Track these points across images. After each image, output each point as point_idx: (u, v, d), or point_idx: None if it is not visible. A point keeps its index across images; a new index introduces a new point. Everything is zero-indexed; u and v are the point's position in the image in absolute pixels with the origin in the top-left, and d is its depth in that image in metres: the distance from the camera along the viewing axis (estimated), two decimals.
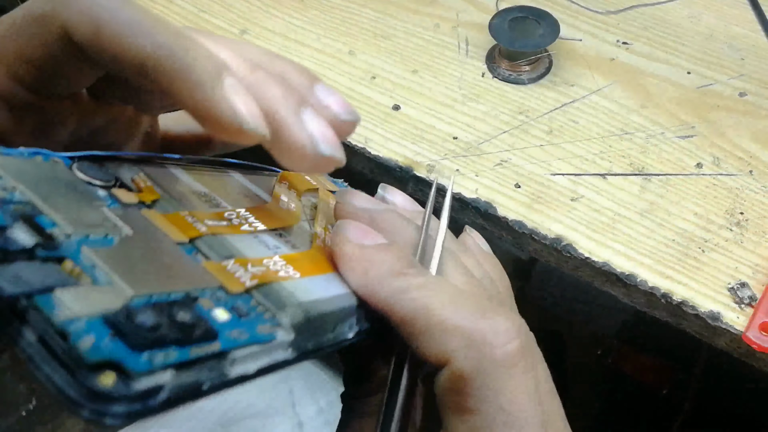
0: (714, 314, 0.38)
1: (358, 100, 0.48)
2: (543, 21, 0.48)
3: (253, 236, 0.24)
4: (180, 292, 0.18)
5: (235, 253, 0.22)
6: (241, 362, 0.18)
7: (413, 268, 0.23)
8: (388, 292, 0.22)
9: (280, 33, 0.53)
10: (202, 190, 0.25)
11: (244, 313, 0.19)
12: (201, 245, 0.21)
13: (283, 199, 0.28)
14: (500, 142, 0.46)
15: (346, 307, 0.23)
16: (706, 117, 0.46)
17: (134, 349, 0.15)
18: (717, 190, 0.43)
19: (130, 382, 0.15)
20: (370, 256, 0.23)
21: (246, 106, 0.22)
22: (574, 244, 0.41)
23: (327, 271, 0.24)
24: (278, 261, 0.23)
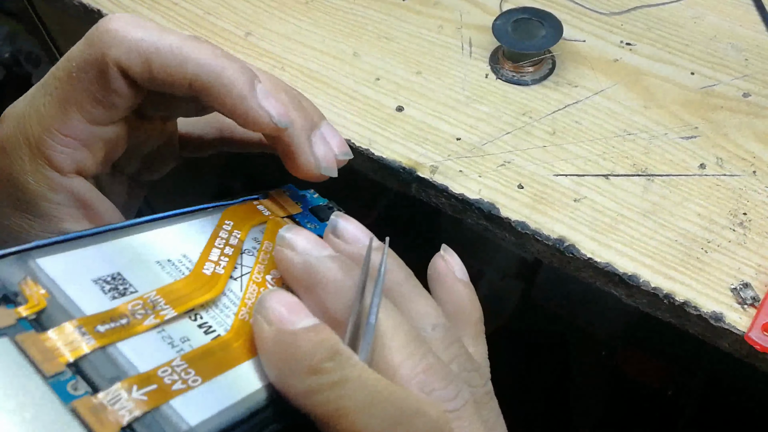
0: (717, 315, 0.38)
1: (362, 102, 0.48)
2: (546, 22, 0.48)
3: (157, 332, 0.22)
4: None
5: (123, 372, 0.20)
6: None
7: (332, 361, 0.20)
8: (300, 391, 0.20)
9: (285, 35, 0.53)
10: (109, 273, 0.23)
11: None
12: (85, 367, 0.20)
13: (210, 260, 0.26)
14: (503, 143, 0.46)
15: (258, 409, 0.21)
16: (709, 118, 0.46)
17: None
18: (720, 190, 0.43)
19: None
20: (286, 347, 0.21)
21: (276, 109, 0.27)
22: (577, 245, 0.41)
23: (242, 360, 0.22)
24: (178, 366, 0.21)
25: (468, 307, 0.27)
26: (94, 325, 0.20)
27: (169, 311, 0.22)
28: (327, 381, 0.20)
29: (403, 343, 0.22)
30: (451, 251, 0.30)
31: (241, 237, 0.28)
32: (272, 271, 0.27)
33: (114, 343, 0.20)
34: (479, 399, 0.24)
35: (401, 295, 0.25)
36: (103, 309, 0.21)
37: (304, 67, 0.51)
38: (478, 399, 0.24)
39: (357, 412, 0.19)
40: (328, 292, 0.23)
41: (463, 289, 0.28)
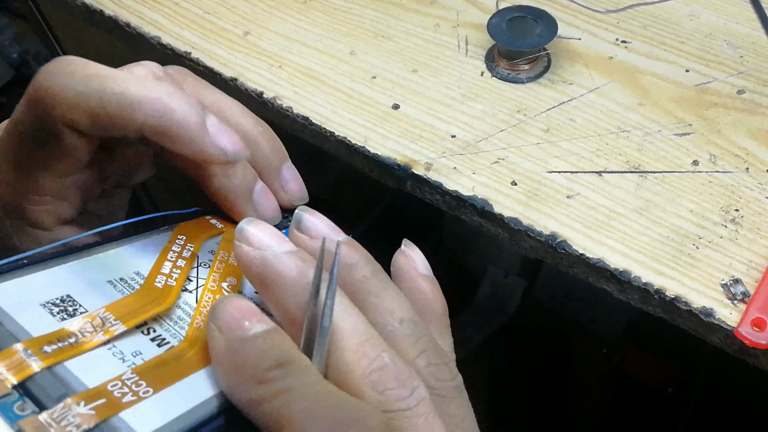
0: (707, 310, 0.38)
1: (359, 100, 0.49)
2: (541, 20, 0.48)
3: (107, 348, 0.22)
4: None
5: (72, 389, 0.20)
6: None
7: (278, 369, 0.20)
8: (247, 400, 0.20)
9: (283, 34, 0.54)
10: (58, 295, 0.23)
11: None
12: (32, 388, 0.20)
13: (162, 273, 0.26)
14: (498, 141, 0.46)
15: (210, 417, 0.21)
16: (703, 115, 0.47)
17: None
18: (713, 187, 0.43)
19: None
20: (236, 355, 0.21)
21: (230, 144, 0.27)
22: (569, 241, 0.41)
23: (196, 369, 0.22)
24: (129, 378, 0.21)
25: (431, 301, 0.27)
26: (40, 347, 0.21)
27: (119, 326, 0.22)
28: (272, 390, 0.20)
29: (358, 344, 0.22)
30: (412, 246, 0.29)
31: (194, 250, 0.28)
32: (228, 278, 0.27)
33: (61, 362, 0.21)
34: (447, 393, 0.24)
35: (367, 291, 0.25)
36: (51, 330, 0.21)
37: (302, 65, 0.51)
38: (446, 393, 0.24)
39: (298, 422, 0.19)
40: (284, 291, 0.23)
41: (425, 283, 0.27)
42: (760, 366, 0.39)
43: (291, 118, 0.49)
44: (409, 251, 0.28)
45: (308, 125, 0.48)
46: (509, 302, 1.04)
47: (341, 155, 0.48)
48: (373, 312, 0.24)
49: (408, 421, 0.21)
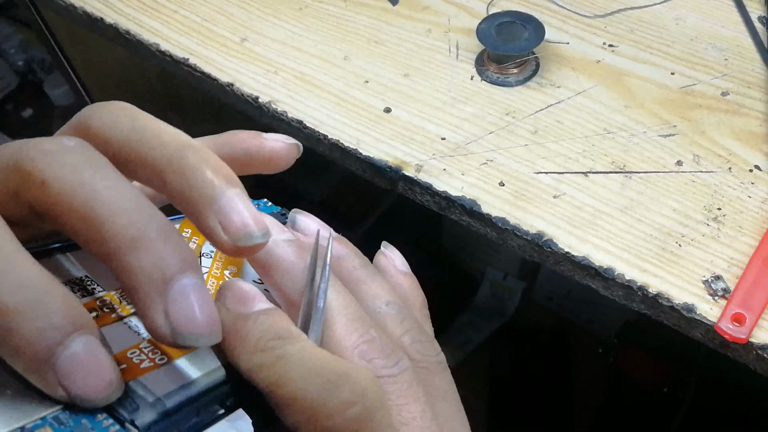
0: (689, 306, 0.39)
1: (352, 104, 0.50)
2: (529, 25, 0.50)
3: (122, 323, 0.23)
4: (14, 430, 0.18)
5: None
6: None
7: (278, 340, 0.22)
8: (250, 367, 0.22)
9: (279, 40, 0.55)
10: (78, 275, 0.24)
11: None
12: None
13: None
14: (486, 143, 0.47)
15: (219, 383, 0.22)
16: (688, 116, 0.48)
17: None
18: (696, 186, 0.44)
19: None
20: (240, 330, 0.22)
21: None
22: (555, 240, 0.43)
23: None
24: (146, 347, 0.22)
25: (411, 295, 0.29)
26: None
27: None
28: (272, 357, 0.22)
29: (349, 320, 0.24)
30: (391, 247, 0.31)
31: (199, 242, 0.29)
32: (230, 266, 0.29)
33: None
34: (431, 367, 0.26)
35: (357, 278, 0.27)
36: None
37: (297, 70, 0.53)
38: (430, 367, 0.26)
39: (294, 381, 0.21)
40: (283, 274, 0.25)
41: (404, 279, 0.30)
42: (741, 360, 0.40)
43: (286, 122, 0.50)
44: (388, 252, 0.31)
45: (302, 128, 0.50)
46: (508, 304, 1.05)
47: (335, 158, 0.50)
48: (362, 297, 0.26)
49: (392, 386, 0.23)
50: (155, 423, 0.20)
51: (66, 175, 0.20)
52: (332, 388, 0.21)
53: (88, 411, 0.19)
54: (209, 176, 0.22)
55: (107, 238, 0.20)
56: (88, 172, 0.21)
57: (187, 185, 0.22)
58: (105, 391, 0.19)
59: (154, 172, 0.23)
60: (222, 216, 0.22)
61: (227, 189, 0.22)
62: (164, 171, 0.23)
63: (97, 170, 0.21)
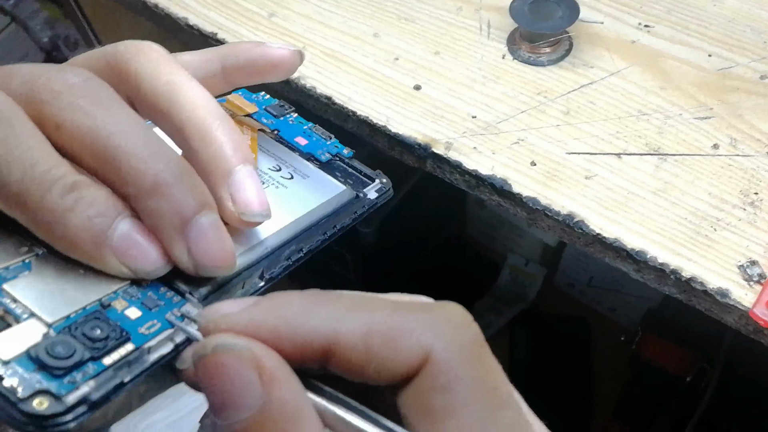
0: (723, 291, 0.39)
1: (381, 80, 0.50)
2: (563, 3, 0.49)
3: None
4: (94, 303, 0.21)
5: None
6: (157, 348, 0.21)
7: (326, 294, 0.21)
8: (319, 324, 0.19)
9: (307, 15, 0.55)
10: None
11: (154, 305, 0.22)
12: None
13: None
14: (518, 122, 0.47)
15: (258, 259, 0.25)
16: (725, 99, 0.47)
17: (56, 377, 0.19)
18: (732, 170, 0.43)
19: (59, 401, 0.18)
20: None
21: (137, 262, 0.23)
22: (586, 221, 0.42)
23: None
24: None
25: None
26: None
27: None
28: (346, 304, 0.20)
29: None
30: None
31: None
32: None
33: None
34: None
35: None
36: None
37: (326, 46, 0.52)
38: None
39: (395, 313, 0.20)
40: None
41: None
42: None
43: (314, 98, 0.50)
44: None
45: (331, 104, 0.49)
46: (529, 290, 1.04)
47: (363, 134, 0.49)
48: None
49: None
50: (210, 293, 0.23)
51: (78, 118, 0.21)
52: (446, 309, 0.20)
53: (152, 285, 0.22)
54: (230, 152, 0.24)
55: (127, 182, 0.21)
56: (99, 115, 0.22)
57: (209, 154, 0.24)
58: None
59: (177, 130, 0.25)
60: (234, 189, 0.24)
61: (243, 166, 0.24)
62: (190, 135, 0.24)
63: (107, 112, 0.22)
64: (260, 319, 0.19)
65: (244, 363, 0.18)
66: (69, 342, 0.19)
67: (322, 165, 0.32)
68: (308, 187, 0.30)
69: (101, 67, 0.25)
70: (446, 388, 0.19)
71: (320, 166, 0.32)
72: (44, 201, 0.20)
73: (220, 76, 0.30)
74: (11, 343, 0.19)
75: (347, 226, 0.29)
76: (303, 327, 0.19)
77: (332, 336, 0.19)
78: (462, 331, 0.20)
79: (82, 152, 0.22)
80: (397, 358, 0.19)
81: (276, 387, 0.18)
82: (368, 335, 0.19)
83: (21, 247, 0.22)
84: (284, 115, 0.33)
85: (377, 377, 0.19)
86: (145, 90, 0.25)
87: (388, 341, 0.19)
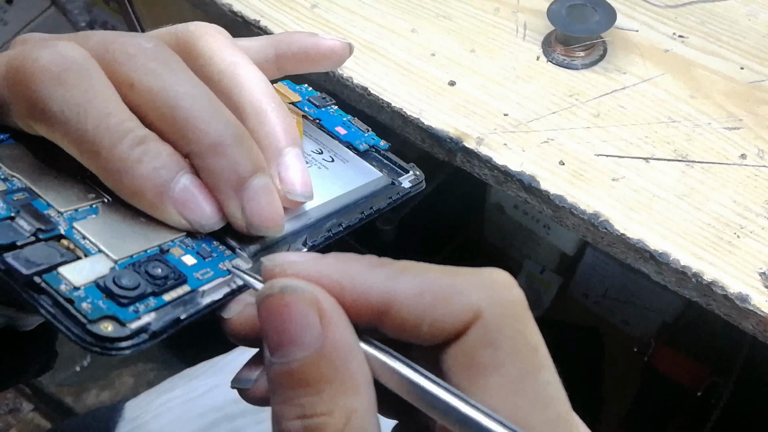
0: (743, 296, 0.39)
1: (417, 74, 0.51)
2: (600, 8, 0.50)
3: None
4: (155, 248, 0.23)
5: None
6: (209, 293, 0.23)
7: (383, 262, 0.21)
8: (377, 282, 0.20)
9: (348, 8, 0.56)
10: None
11: (207, 255, 0.24)
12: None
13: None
14: (548, 122, 0.48)
15: (302, 228, 0.27)
16: (754, 111, 0.47)
17: (121, 306, 0.20)
18: (758, 180, 0.44)
19: (123, 327, 0.20)
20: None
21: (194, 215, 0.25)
22: (611, 221, 0.43)
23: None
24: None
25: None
26: None
27: None
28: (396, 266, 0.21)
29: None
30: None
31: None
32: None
33: None
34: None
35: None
36: None
37: (364, 39, 0.54)
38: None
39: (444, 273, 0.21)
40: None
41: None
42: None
43: (350, 88, 0.51)
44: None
45: (366, 95, 0.50)
46: (544, 297, 1.04)
47: (396, 126, 0.50)
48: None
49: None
50: (259, 252, 0.24)
51: (150, 80, 0.24)
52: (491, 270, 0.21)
53: (205, 238, 0.24)
54: (281, 133, 0.26)
55: (190, 141, 0.23)
56: (169, 78, 0.24)
57: (262, 133, 0.26)
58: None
59: (234, 108, 0.26)
60: (282, 169, 0.26)
61: (292, 149, 0.26)
62: (247, 114, 0.27)
63: (176, 76, 0.24)
64: (324, 271, 0.20)
65: (308, 305, 0.19)
66: (134, 276, 0.21)
67: (359, 153, 0.33)
68: (347, 170, 0.32)
69: (171, 42, 0.27)
70: (493, 344, 0.20)
71: (358, 154, 0.33)
72: (116, 150, 0.22)
73: (273, 62, 0.32)
74: (81, 273, 0.21)
75: (383, 209, 0.31)
76: (363, 283, 0.20)
77: (389, 293, 0.20)
78: (509, 292, 0.21)
79: (151, 111, 0.23)
80: (450, 316, 0.20)
81: (333, 329, 0.19)
82: (422, 294, 0.20)
83: (89, 194, 0.24)
84: (325, 106, 0.35)
85: (429, 336, 0.20)
86: (210, 68, 0.27)
87: (440, 300, 0.20)
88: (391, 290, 0.20)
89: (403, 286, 0.20)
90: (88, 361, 1.35)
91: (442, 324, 0.20)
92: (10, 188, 0.23)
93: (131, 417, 0.62)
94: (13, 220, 0.21)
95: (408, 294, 0.20)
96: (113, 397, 1.30)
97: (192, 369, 0.70)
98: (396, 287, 0.20)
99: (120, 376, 1.35)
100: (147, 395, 0.68)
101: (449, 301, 0.20)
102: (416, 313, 0.20)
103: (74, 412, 1.27)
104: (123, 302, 0.20)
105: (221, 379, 0.65)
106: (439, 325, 0.20)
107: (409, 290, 0.20)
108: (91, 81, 0.23)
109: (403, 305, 0.20)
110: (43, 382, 1.29)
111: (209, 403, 0.63)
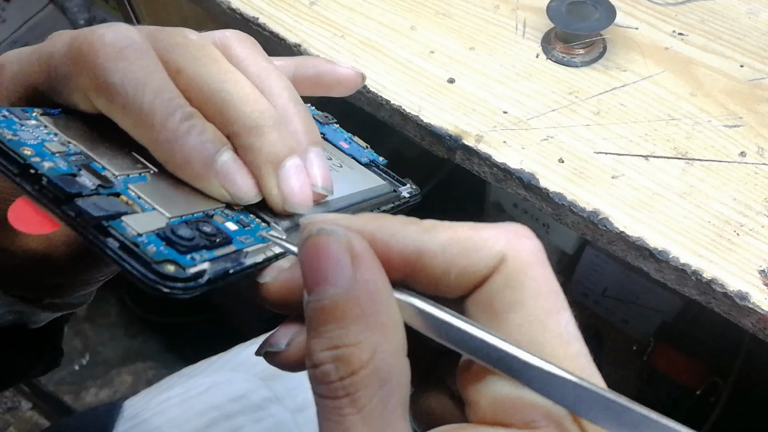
0: (742, 294, 0.39)
1: (416, 72, 0.51)
2: (600, 6, 0.49)
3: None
4: (200, 213, 0.25)
5: None
6: (251, 255, 0.25)
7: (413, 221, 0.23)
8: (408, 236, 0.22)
9: (347, 6, 0.56)
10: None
11: (246, 224, 0.26)
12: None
13: None
14: (548, 119, 0.48)
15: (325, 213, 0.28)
16: (754, 109, 0.47)
17: (181, 253, 0.22)
18: (758, 178, 0.44)
19: (184, 270, 0.22)
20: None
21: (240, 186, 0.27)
22: (611, 219, 0.43)
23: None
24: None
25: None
26: None
27: None
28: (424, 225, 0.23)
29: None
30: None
31: None
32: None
33: None
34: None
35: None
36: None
37: (364, 36, 0.54)
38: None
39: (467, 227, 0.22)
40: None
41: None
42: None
43: None
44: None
45: (365, 93, 0.50)
46: None
47: (395, 123, 0.50)
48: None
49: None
50: (290, 228, 0.27)
51: (196, 66, 0.26)
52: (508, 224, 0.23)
53: (242, 211, 0.26)
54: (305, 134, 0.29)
55: (233, 121, 0.26)
56: (213, 66, 0.26)
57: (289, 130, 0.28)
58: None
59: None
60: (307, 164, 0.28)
61: (314, 146, 0.29)
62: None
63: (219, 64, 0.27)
64: (360, 226, 0.22)
65: (340, 245, 0.21)
66: (189, 230, 0.23)
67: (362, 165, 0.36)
68: (355, 175, 0.34)
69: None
70: (517, 284, 0.21)
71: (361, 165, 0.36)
72: (168, 122, 0.24)
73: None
74: (142, 223, 0.23)
75: (387, 212, 0.33)
76: (395, 236, 0.22)
77: (419, 245, 0.22)
78: (530, 241, 0.22)
79: (195, 95, 0.26)
80: (476, 263, 0.21)
81: (363, 270, 0.20)
82: (449, 245, 0.21)
83: (137, 164, 0.26)
84: (328, 123, 0.37)
85: (456, 285, 0.22)
86: (243, 70, 0.29)
87: (467, 250, 0.21)
88: (421, 242, 0.22)
89: (432, 239, 0.22)
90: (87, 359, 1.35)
91: (469, 271, 0.21)
92: (69, 152, 0.25)
93: (130, 415, 0.62)
94: (76, 176, 0.23)
95: (437, 245, 0.21)
96: (112, 395, 1.30)
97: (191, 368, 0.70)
98: (426, 239, 0.22)
99: (119, 375, 1.34)
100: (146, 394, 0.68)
101: (475, 249, 0.21)
102: (445, 263, 0.21)
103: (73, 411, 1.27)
104: (181, 249, 0.22)
105: (220, 378, 0.65)
106: (467, 272, 0.21)
107: (438, 242, 0.22)
108: (149, 59, 0.25)
109: (432, 256, 0.21)
110: (42, 381, 1.29)
111: (208, 402, 0.63)
